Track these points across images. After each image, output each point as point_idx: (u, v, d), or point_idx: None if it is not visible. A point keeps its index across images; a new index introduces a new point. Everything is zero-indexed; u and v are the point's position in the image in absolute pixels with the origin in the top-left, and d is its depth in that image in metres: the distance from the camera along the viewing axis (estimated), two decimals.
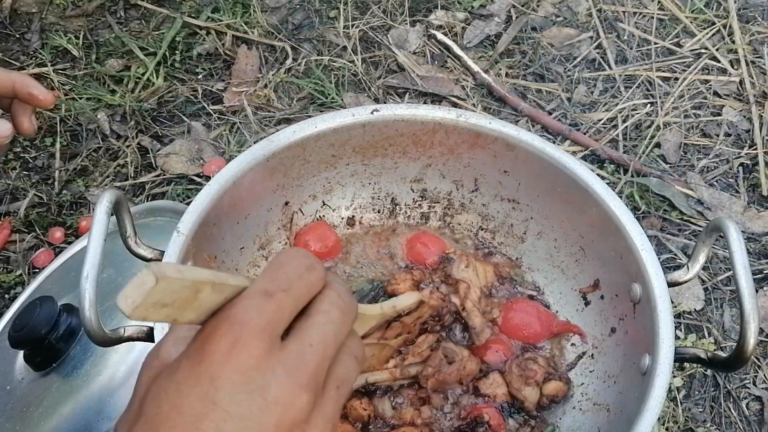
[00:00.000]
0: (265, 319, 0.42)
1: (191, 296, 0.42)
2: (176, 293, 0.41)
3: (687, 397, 1.23)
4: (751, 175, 1.49)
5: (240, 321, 0.42)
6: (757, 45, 1.67)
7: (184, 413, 0.40)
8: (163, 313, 0.41)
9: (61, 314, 0.92)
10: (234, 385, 0.41)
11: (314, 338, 0.44)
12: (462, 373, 0.89)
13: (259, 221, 0.98)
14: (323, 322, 0.45)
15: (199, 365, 0.41)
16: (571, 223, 0.96)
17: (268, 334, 0.42)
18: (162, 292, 0.39)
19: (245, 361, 0.41)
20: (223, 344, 0.41)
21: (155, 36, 1.66)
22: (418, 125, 0.96)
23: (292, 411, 0.42)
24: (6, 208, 1.41)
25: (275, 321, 0.43)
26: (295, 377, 0.42)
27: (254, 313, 0.42)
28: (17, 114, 0.79)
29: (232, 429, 0.40)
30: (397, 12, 1.70)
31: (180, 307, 0.42)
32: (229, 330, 0.41)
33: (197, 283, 0.42)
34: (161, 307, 0.40)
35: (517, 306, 0.97)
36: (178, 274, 0.40)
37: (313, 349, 0.43)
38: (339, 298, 0.47)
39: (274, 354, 0.42)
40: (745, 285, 0.73)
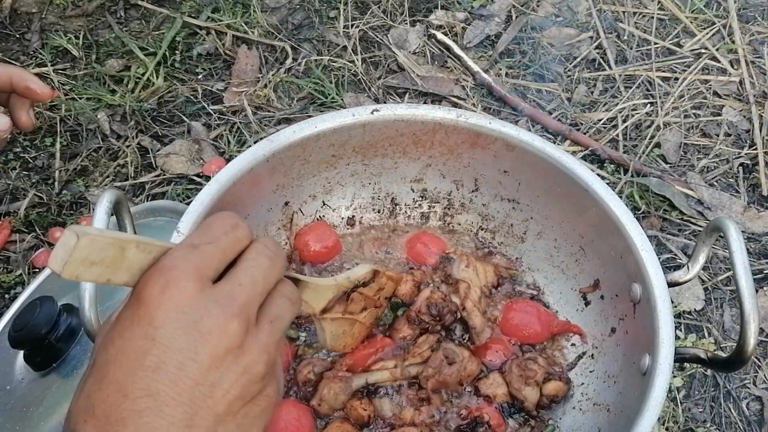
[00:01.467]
0: (192, 264, 0.46)
1: (118, 255, 0.45)
2: (102, 251, 0.44)
3: (687, 397, 1.23)
4: (751, 175, 1.49)
5: (168, 267, 0.46)
6: (757, 45, 1.67)
7: (128, 353, 0.44)
8: (94, 272, 0.44)
9: (61, 314, 0.92)
10: (170, 322, 0.44)
11: (243, 279, 0.48)
12: (462, 373, 0.89)
13: (259, 221, 0.98)
14: (251, 266, 0.49)
15: (137, 310, 0.45)
16: (571, 223, 0.96)
17: (197, 276, 0.46)
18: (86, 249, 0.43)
19: (177, 300, 0.45)
20: (155, 288, 0.45)
21: (155, 36, 1.66)
22: (418, 125, 0.96)
23: (224, 338, 0.45)
24: (6, 208, 1.41)
25: (202, 266, 0.47)
26: (225, 309, 0.46)
27: (181, 261, 0.46)
28: (15, 108, 0.79)
29: (172, 360, 0.44)
30: (397, 12, 1.70)
31: (110, 266, 0.45)
32: (159, 276, 0.45)
33: (120, 241, 0.45)
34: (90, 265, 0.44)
35: (517, 306, 0.97)
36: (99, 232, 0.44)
37: (242, 287, 0.48)
38: (265, 248, 0.51)
39: (206, 292, 0.46)
40: (745, 285, 0.73)
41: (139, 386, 0.43)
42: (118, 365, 0.44)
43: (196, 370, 0.44)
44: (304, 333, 0.95)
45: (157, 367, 0.44)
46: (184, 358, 0.44)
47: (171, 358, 0.44)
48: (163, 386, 0.44)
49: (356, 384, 0.88)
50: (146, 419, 0.43)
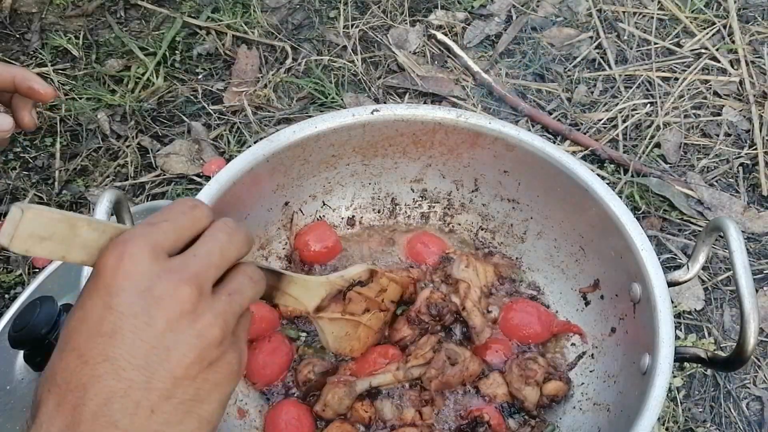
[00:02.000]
0: (148, 238, 0.48)
1: (69, 232, 0.47)
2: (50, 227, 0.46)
3: (687, 397, 1.23)
4: (751, 175, 1.49)
5: (124, 240, 0.48)
6: (757, 45, 1.67)
7: (87, 321, 0.46)
8: (46, 248, 0.46)
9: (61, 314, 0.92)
10: (125, 290, 0.46)
11: (198, 251, 0.50)
12: (465, 374, 0.89)
13: (259, 221, 0.98)
14: (207, 241, 0.51)
15: (96, 281, 0.47)
16: (571, 223, 0.96)
17: (152, 248, 0.48)
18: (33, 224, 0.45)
19: (133, 269, 0.47)
20: (111, 259, 0.47)
21: (155, 36, 1.66)
22: (418, 125, 0.96)
23: (177, 303, 0.47)
24: (6, 208, 1.41)
25: (158, 240, 0.49)
26: (177, 275, 0.48)
27: (137, 236, 0.48)
28: (18, 108, 0.79)
29: (127, 325, 0.46)
30: (397, 12, 1.70)
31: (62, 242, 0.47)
32: (115, 248, 0.48)
33: (70, 218, 0.47)
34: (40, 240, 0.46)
35: (517, 306, 0.97)
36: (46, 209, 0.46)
37: (197, 258, 0.50)
38: (224, 225, 0.53)
39: (160, 263, 0.48)
40: (745, 285, 0.73)
41: (97, 351, 0.45)
42: (78, 333, 0.46)
43: (151, 334, 0.46)
44: (304, 333, 0.95)
45: (113, 332, 0.46)
46: (139, 323, 0.46)
47: (126, 323, 0.46)
48: (120, 351, 0.45)
49: (360, 387, 0.88)
50: (105, 383, 0.45)
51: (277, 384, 0.92)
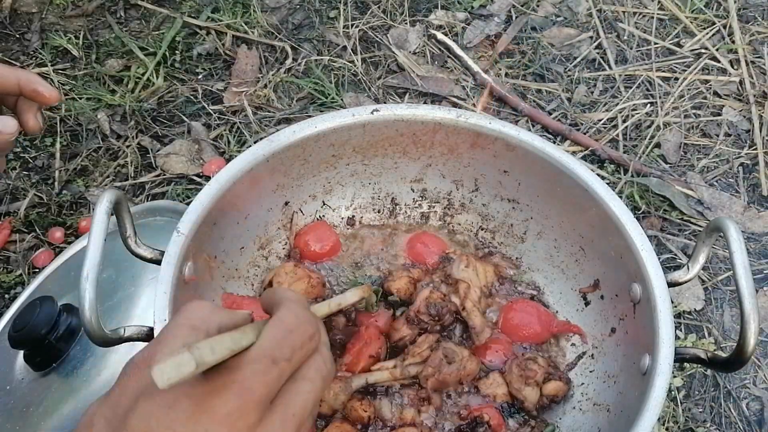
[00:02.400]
0: (268, 389, 0.47)
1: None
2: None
3: (687, 397, 1.23)
4: (751, 175, 1.49)
5: (248, 389, 0.46)
6: (757, 45, 1.67)
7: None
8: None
9: (61, 314, 0.92)
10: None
11: (297, 407, 0.49)
12: (462, 373, 0.89)
13: (259, 221, 0.98)
14: (307, 391, 0.50)
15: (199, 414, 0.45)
16: (571, 223, 0.96)
17: (263, 402, 0.47)
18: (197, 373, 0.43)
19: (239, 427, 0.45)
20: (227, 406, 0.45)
21: (155, 36, 1.66)
22: (418, 125, 0.96)
23: None
24: (6, 208, 1.41)
25: (275, 390, 0.48)
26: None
27: (260, 383, 0.46)
28: (23, 111, 0.79)
29: None
30: (397, 12, 1.70)
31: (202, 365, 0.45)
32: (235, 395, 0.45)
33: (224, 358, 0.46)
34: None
35: (517, 306, 0.97)
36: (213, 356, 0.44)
37: (294, 418, 0.48)
38: (324, 366, 0.52)
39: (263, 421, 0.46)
40: (745, 285, 0.73)
41: None
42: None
43: None
44: None
45: None
46: None
47: None
48: None
49: (356, 384, 0.88)
50: None
51: None
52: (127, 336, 0.76)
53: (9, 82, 0.76)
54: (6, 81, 0.76)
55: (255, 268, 0.99)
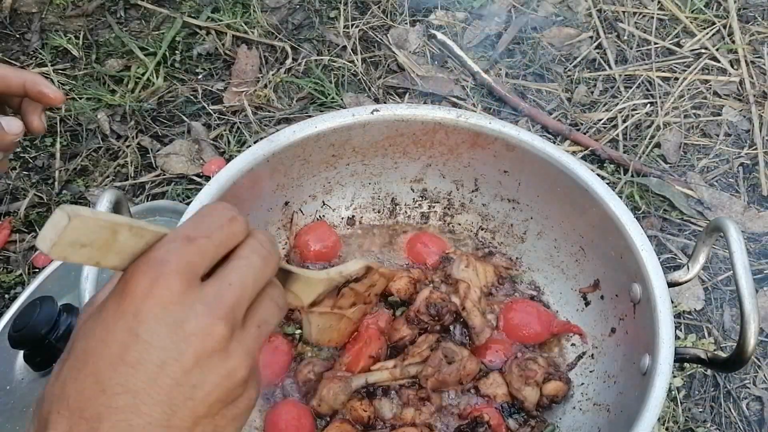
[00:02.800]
0: (185, 260, 0.45)
1: (110, 238, 0.44)
2: (93, 233, 0.43)
3: (687, 397, 1.23)
4: (751, 175, 1.49)
5: (160, 260, 0.45)
6: (757, 45, 1.67)
7: (109, 345, 0.43)
8: (84, 255, 0.43)
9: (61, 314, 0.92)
10: (155, 319, 0.43)
11: (233, 279, 0.47)
12: (462, 373, 0.89)
13: (259, 221, 0.98)
14: (243, 266, 0.48)
15: (123, 301, 0.44)
16: (571, 223, 0.96)
17: (188, 273, 0.45)
18: (77, 231, 0.42)
19: (165, 297, 0.44)
20: (144, 281, 0.44)
21: (155, 36, 1.66)
22: (418, 125, 0.96)
23: (209, 340, 0.44)
24: (6, 208, 1.41)
25: (195, 262, 0.46)
26: (212, 310, 0.45)
27: (174, 255, 0.45)
28: (27, 112, 0.80)
29: (153, 358, 0.43)
30: (397, 12, 1.70)
31: (100, 248, 0.44)
32: (149, 268, 0.44)
33: (113, 224, 0.44)
34: (80, 247, 0.42)
35: (517, 306, 0.97)
36: (92, 213, 0.42)
37: (232, 288, 0.46)
38: (260, 246, 0.49)
39: (194, 291, 0.45)
40: (745, 285, 0.73)
41: (117, 381, 0.43)
42: (98, 357, 0.43)
43: (178, 370, 0.44)
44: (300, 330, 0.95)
45: (137, 363, 0.43)
46: (167, 357, 0.43)
47: (152, 355, 0.43)
48: (142, 384, 0.43)
49: (356, 384, 0.88)
50: (123, 416, 0.42)
51: (277, 384, 0.92)
52: None
53: (14, 84, 0.77)
54: (11, 82, 0.76)
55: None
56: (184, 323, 0.44)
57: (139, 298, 0.44)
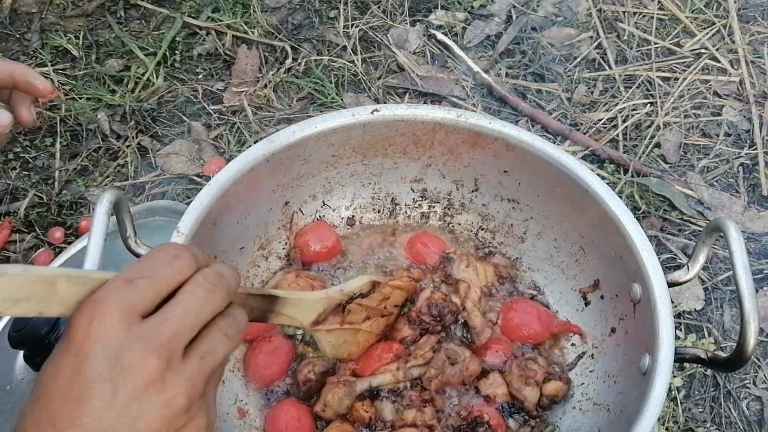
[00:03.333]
0: (124, 299, 0.48)
1: (48, 291, 0.47)
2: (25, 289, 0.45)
3: (687, 397, 1.23)
4: (751, 175, 1.49)
5: (99, 300, 0.47)
6: (757, 45, 1.67)
7: (57, 382, 0.46)
8: (22, 308, 0.46)
9: None
10: (95, 355, 0.46)
11: (172, 313, 0.49)
12: (465, 373, 0.89)
13: (259, 221, 0.98)
14: (184, 299, 0.50)
15: (68, 340, 0.47)
16: (571, 223, 0.96)
17: (126, 312, 0.47)
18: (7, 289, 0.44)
19: (103, 334, 0.46)
20: (84, 320, 0.47)
21: (155, 36, 1.66)
22: (418, 125, 0.96)
23: (144, 373, 0.47)
24: (6, 208, 1.41)
25: (134, 301, 0.48)
26: (146, 344, 0.47)
27: (112, 294, 0.48)
28: (16, 104, 0.79)
29: (95, 393, 0.46)
30: (397, 12, 1.70)
31: (40, 301, 0.46)
32: (89, 308, 0.47)
33: (47, 278, 0.46)
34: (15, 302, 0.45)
35: (517, 306, 0.97)
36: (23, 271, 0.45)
37: (169, 322, 0.48)
38: (204, 281, 0.51)
39: (132, 328, 0.47)
40: (745, 285, 0.73)
41: (66, 417, 0.46)
42: (49, 393, 0.46)
43: (118, 403, 0.46)
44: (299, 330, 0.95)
45: (81, 398, 0.46)
46: (106, 391, 0.46)
47: (94, 391, 0.46)
48: (87, 419, 0.46)
49: (360, 388, 0.88)
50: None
51: (277, 384, 0.92)
52: None
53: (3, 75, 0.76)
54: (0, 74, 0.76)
55: (255, 268, 0.99)
56: (120, 358, 0.46)
57: (80, 336, 0.46)
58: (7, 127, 0.77)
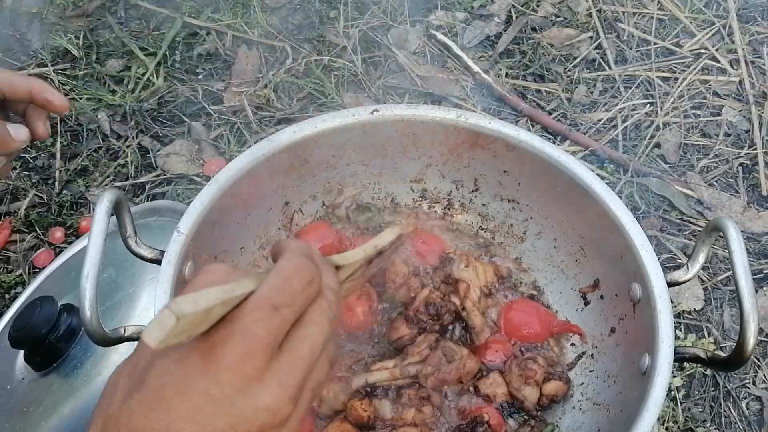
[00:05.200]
0: (272, 335, 0.48)
1: (205, 317, 0.47)
2: (192, 321, 0.45)
3: (687, 397, 1.23)
4: (750, 175, 1.49)
5: (251, 335, 0.48)
6: (756, 45, 1.67)
7: (186, 400, 0.46)
8: (182, 338, 0.46)
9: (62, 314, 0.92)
10: (234, 389, 0.47)
11: (304, 351, 0.50)
12: (462, 371, 0.89)
13: (259, 221, 0.98)
14: (315, 333, 0.51)
15: (208, 364, 0.47)
16: (571, 223, 0.96)
17: (272, 347, 0.48)
18: (181, 326, 0.44)
19: (248, 372, 0.47)
20: (233, 353, 0.47)
21: (155, 36, 1.66)
22: (418, 125, 0.96)
23: (277, 417, 0.48)
24: (6, 208, 1.41)
25: (279, 335, 0.49)
26: (284, 390, 0.48)
27: (262, 328, 0.48)
28: (32, 119, 0.81)
29: (223, 423, 0.46)
30: (397, 12, 1.70)
31: (196, 327, 0.47)
32: (240, 342, 0.47)
33: (209, 309, 0.46)
34: (180, 334, 0.45)
35: (517, 306, 0.97)
36: (195, 306, 0.45)
37: (303, 361, 0.50)
38: (329, 310, 0.53)
39: (272, 365, 0.48)
40: (745, 285, 0.73)
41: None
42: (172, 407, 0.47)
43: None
44: None
45: (207, 425, 0.46)
46: (235, 423, 0.47)
47: (222, 420, 0.47)
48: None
49: (356, 384, 0.88)
50: None
51: None
52: (128, 335, 0.76)
53: (21, 90, 0.77)
54: (18, 89, 0.77)
55: (255, 268, 0.99)
56: (258, 398, 0.47)
57: (224, 367, 0.47)
58: (25, 141, 0.79)
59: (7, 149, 0.77)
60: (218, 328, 0.48)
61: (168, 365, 0.48)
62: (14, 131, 0.77)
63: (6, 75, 0.77)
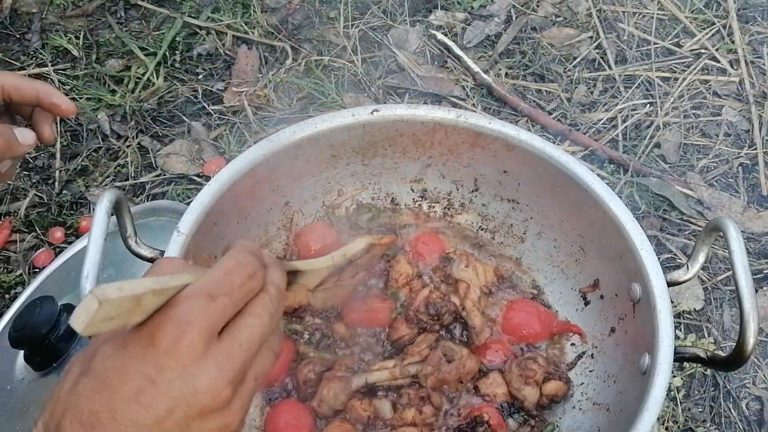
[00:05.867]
0: (207, 321, 0.50)
1: (135, 305, 0.48)
2: (120, 307, 0.47)
3: (687, 397, 1.23)
4: (750, 175, 1.49)
5: (185, 320, 0.50)
6: (756, 45, 1.67)
7: (127, 384, 0.48)
8: (112, 324, 0.48)
9: (62, 314, 0.92)
10: (173, 372, 0.49)
11: (243, 339, 0.52)
12: (461, 371, 0.89)
13: (259, 221, 0.98)
14: (254, 324, 0.53)
15: (146, 350, 0.49)
16: (571, 223, 0.96)
17: (208, 333, 0.50)
18: (106, 311, 0.46)
19: (185, 354, 0.49)
20: (169, 338, 0.49)
21: (155, 36, 1.66)
22: (418, 125, 0.96)
23: (216, 400, 0.50)
24: (6, 208, 1.41)
25: (215, 322, 0.51)
26: (223, 373, 0.50)
27: (198, 314, 0.50)
28: (39, 122, 0.81)
29: (163, 404, 0.48)
30: (397, 12, 1.70)
31: (126, 316, 0.48)
32: (176, 327, 0.49)
33: (138, 295, 0.48)
34: (109, 320, 0.47)
35: (517, 306, 0.97)
36: (119, 292, 0.47)
37: (242, 349, 0.52)
38: (270, 303, 0.54)
39: (210, 350, 0.50)
40: (745, 285, 0.73)
41: (128, 416, 0.48)
42: (115, 390, 0.48)
43: (182, 417, 0.49)
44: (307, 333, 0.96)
45: (149, 405, 0.48)
46: (176, 405, 0.49)
47: (164, 402, 0.48)
48: (149, 423, 0.48)
49: (356, 384, 0.88)
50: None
51: (277, 384, 0.92)
52: None
53: (28, 94, 0.78)
54: (26, 93, 0.78)
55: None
56: (197, 381, 0.49)
57: (163, 351, 0.49)
58: (32, 145, 0.79)
59: (14, 153, 0.78)
60: (156, 316, 0.50)
61: (110, 351, 0.50)
62: (21, 135, 0.78)
63: (12, 78, 0.78)
